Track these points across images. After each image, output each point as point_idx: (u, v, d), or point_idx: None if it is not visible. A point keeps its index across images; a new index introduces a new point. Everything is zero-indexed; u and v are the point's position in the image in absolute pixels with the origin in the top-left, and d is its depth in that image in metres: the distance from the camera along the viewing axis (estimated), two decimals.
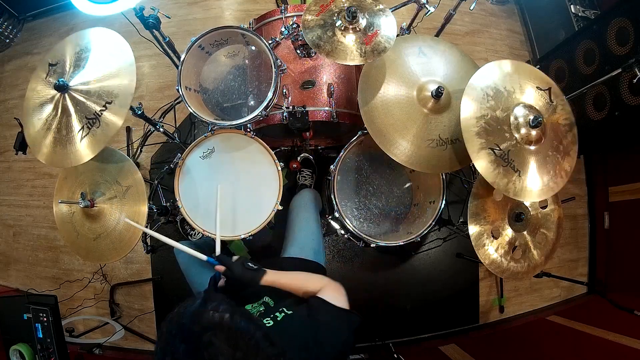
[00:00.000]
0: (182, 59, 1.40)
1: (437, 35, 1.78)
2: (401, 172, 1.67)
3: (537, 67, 2.25)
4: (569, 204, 2.14)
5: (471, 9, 1.58)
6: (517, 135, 1.23)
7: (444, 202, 1.49)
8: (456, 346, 1.98)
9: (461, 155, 1.33)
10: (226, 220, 1.42)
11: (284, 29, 1.50)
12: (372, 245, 1.47)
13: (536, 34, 2.45)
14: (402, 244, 1.46)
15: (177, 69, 1.42)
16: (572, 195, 2.20)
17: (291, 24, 1.47)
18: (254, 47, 1.57)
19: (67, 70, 1.30)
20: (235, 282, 0.95)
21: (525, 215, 1.43)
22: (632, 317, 1.80)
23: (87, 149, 1.24)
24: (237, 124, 1.38)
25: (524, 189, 1.22)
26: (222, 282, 1.01)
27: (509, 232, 1.42)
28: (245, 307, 0.94)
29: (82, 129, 1.24)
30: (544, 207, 1.50)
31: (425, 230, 1.46)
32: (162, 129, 1.64)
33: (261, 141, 1.45)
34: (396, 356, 1.86)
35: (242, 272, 0.94)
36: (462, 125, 1.18)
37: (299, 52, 1.52)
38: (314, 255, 1.34)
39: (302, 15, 1.30)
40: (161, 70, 2.36)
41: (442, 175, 1.50)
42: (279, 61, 1.42)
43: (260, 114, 1.37)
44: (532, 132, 1.22)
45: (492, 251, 1.39)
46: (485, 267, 1.46)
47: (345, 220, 1.45)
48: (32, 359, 1.47)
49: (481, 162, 1.18)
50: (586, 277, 2.34)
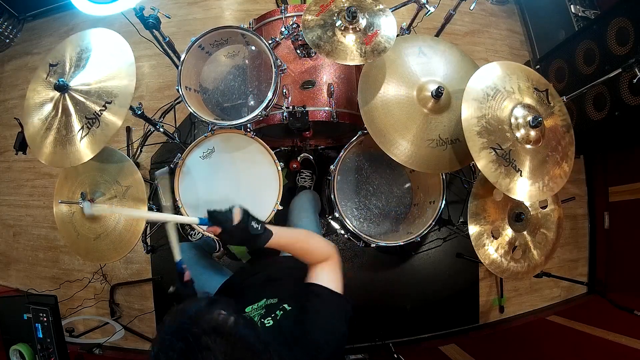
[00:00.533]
0: (182, 59, 1.40)
1: (437, 35, 1.78)
2: (401, 172, 1.67)
3: (537, 67, 2.27)
4: (569, 204, 2.14)
5: (471, 9, 1.58)
6: (517, 135, 1.23)
7: (444, 202, 1.49)
8: (456, 346, 1.98)
9: (461, 155, 1.33)
10: None
11: (284, 29, 1.50)
12: (372, 245, 1.47)
13: (536, 34, 2.45)
14: (402, 244, 1.46)
15: (177, 69, 1.42)
16: (572, 195, 2.20)
17: (291, 24, 1.47)
18: (254, 47, 1.57)
19: (67, 70, 1.30)
20: (227, 241, 0.83)
21: (525, 215, 1.43)
22: (632, 317, 1.80)
23: (87, 149, 1.24)
24: (237, 124, 1.38)
25: (524, 188, 1.22)
26: (187, 275, 0.97)
27: (509, 232, 1.42)
28: (245, 310, 0.93)
29: (81, 128, 1.24)
30: (544, 207, 1.50)
31: (425, 230, 1.47)
32: (162, 129, 1.64)
33: (261, 141, 1.45)
34: (396, 356, 1.86)
35: (242, 236, 0.81)
36: (463, 124, 1.18)
37: (299, 52, 1.52)
38: None
39: (302, 15, 1.30)
40: (161, 70, 2.36)
41: (442, 175, 1.50)
42: (279, 61, 1.42)
43: (260, 114, 1.37)
44: (532, 132, 1.22)
45: (492, 251, 1.39)
46: (485, 267, 1.46)
47: (345, 220, 1.45)
48: (32, 359, 1.47)
49: (483, 161, 1.18)
50: (586, 277, 2.34)
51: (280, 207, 1.43)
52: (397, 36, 1.30)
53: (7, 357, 1.51)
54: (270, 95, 1.37)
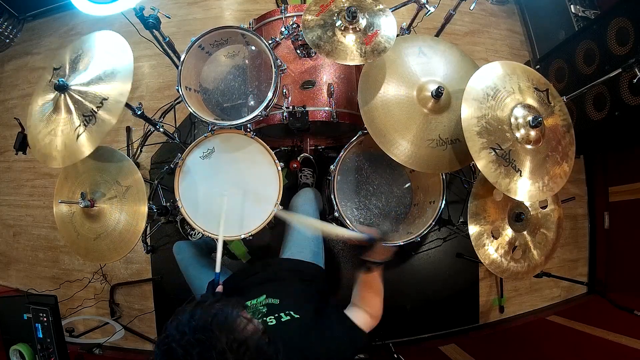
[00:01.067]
0: (182, 59, 1.40)
1: (437, 35, 1.78)
2: (401, 172, 1.67)
3: (537, 67, 2.27)
4: (569, 204, 2.14)
5: (471, 9, 1.58)
6: (517, 135, 1.23)
7: (444, 202, 1.49)
8: (456, 346, 1.98)
9: (461, 155, 1.33)
10: (226, 220, 1.42)
11: (284, 29, 1.50)
12: None
13: (536, 34, 2.45)
14: (402, 244, 1.46)
15: (177, 69, 1.42)
16: (572, 195, 2.19)
17: (291, 24, 1.47)
18: (254, 47, 1.57)
19: (67, 70, 1.30)
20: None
21: (525, 215, 1.43)
22: (632, 317, 1.80)
23: (84, 147, 1.23)
24: (237, 124, 1.38)
25: (524, 188, 1.22)
26: (220, 288, 1.00)
27: (509, 232, 1.42)
28: (245, 304, 0.94)
29: (79, 126, 1.24)
30: (544, 207, 1.50)
31: (425, 230, 1.46)
32: (162, 129, 1.64)
33: (261, 141, 1.45)
34: (396, 356, 1.86)
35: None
36: (463, 124, 1.18)
37: (299, 52, 1.52)
38: (312, 256, 1.34)
39: (302, 15, 1.30)
40: (161, 70, 2.35)
41: (442, 175, 1.50)
42: (279, 61, 1.42)
43: (260, 114, 1.37)
44: (532, 132, 1.22)
45: (492, 251, 1.39)
46: (485, 267, 1.46)
47: (345, 220, 1.45)
48: (32, 359, 1.47)
49: (482, 161, 1.18)
50: (586, 277, 2.34)
51: (280, 207, 1.43)
52: (397, 36, 1.30)
53: (7, 357, 1.51)
54: (270, 95, 1.37)
